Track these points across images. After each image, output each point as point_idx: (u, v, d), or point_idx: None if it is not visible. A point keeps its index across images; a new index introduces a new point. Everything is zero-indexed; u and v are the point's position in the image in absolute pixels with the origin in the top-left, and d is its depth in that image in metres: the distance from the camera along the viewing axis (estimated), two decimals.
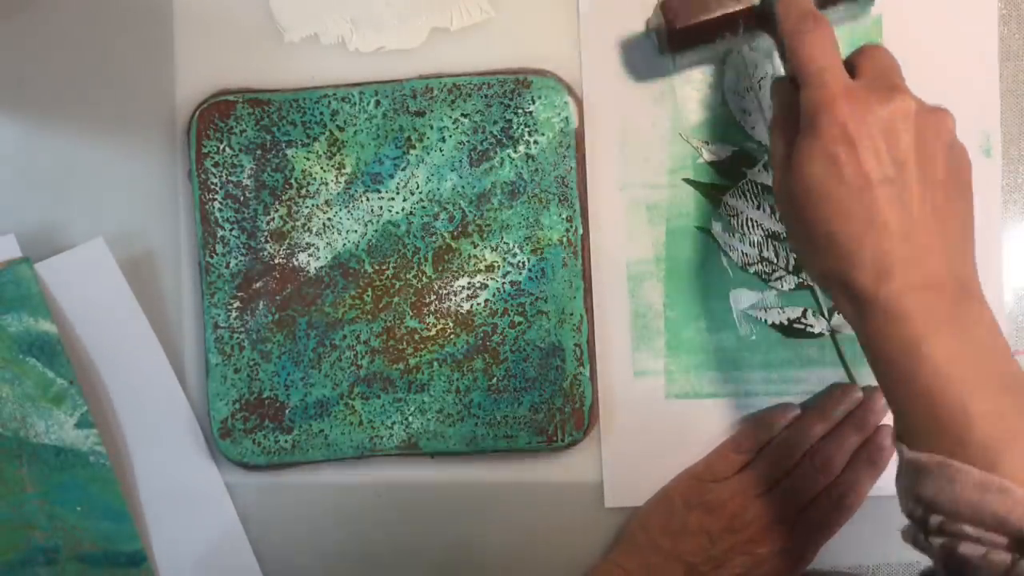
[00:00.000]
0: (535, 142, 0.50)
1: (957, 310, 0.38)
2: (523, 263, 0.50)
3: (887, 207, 0.39)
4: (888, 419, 0.50)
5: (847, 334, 0.51)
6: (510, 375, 0.51)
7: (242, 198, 0.51)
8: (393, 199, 0.51)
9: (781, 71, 0.48)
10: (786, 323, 0.51)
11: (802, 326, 0.51)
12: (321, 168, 0.51)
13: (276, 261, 0.51)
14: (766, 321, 0.51)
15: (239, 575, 0.53)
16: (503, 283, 0.51)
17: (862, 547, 0.52)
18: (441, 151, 0.50)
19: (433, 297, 0.51)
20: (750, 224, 0.51)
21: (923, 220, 0.39)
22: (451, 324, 0.51)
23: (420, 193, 0.51)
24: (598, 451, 0.52)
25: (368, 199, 0.51)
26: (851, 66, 0.42)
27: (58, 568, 0.51)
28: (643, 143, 0.51)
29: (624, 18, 0.51)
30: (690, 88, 0.51)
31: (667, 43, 0.47)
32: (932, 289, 0.38)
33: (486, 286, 0.51)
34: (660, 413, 0.52)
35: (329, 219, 0.51)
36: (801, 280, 0.51)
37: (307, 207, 0.51)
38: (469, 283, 0.51)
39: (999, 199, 0.51)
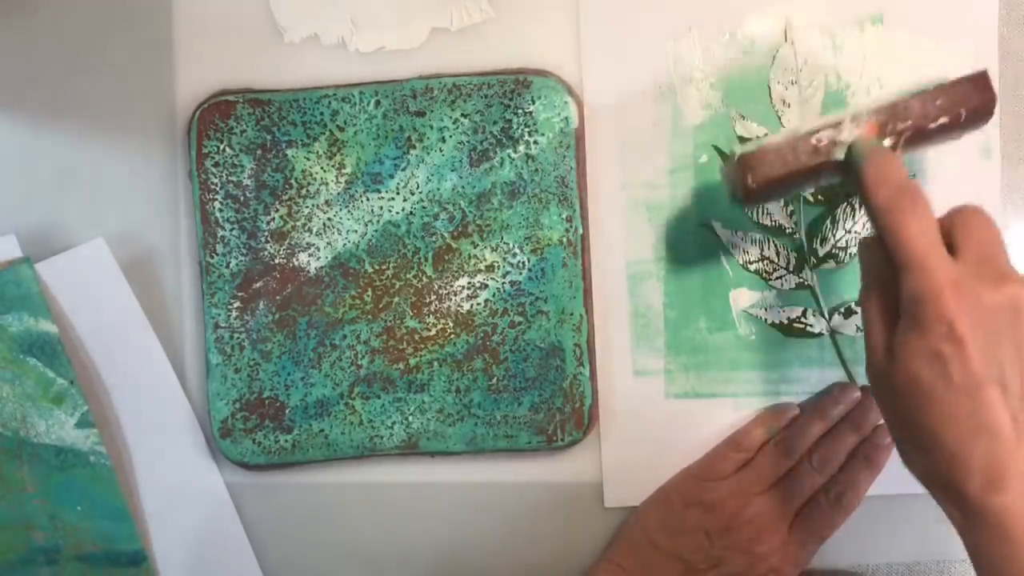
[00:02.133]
0: (535, 142, 0.50)
1: None
2: (523, 263, 0.50)
3: (998, 410, 0.36)
4: None
5: (847, 334, 0.51)
6: (510, 375, 0.51)
7: (242, 198, 0.51)
8: (393, 199, 0.51)
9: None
10: (786, 323, 0.51)
11: (802, 326, 0.51)
12: (321, 168, 0.51)
13: (276, 261, 0.51)
14: (766, 321, 0.51)
15: (239, 575, 0.53)
16: (503, 283, 0.51)
17: (862, 547, 0.52)
18: (441, 151, 0.50)
19: (433, 297, 0.51)
20: (761, 211, 0.51)
21: None
22: (451, 324, 0.51)
23: (420, 193, 0.50)
24: (598, 451, 0.52)
25: (368, 199, 0.51)
26: (948, 235, 0.38)
27: (58, 568, 0.51)
28: (643, 143, 0.51)
29: (624, 18, 0.51)
30: (691, 88, 0.51)
31: (743, 197, 0.44)
32: None
33: (486, 286, 0.51)
34: (660, 413, 0.52)
35: (329, 219, 0.51)
36: (801, 279, 0.51)
37: (307, 207, 0.51)
38: (469, 283, 0.51)
39: (998, 199, 0.51)
